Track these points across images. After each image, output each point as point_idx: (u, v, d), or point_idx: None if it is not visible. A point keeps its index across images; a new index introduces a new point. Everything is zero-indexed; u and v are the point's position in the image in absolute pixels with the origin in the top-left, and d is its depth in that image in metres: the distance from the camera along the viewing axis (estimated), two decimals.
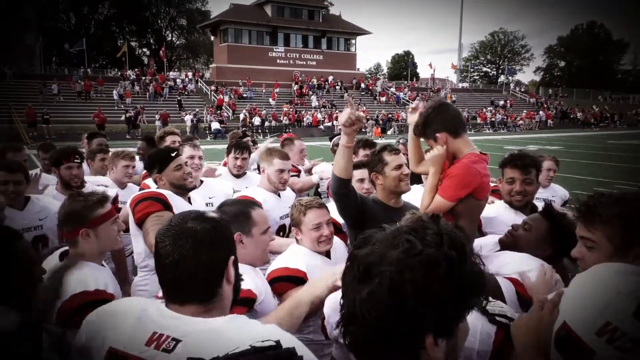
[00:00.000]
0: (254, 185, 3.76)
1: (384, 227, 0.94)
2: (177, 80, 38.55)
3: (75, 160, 3.63)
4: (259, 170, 3.83)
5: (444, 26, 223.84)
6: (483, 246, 2.37)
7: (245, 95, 37.96)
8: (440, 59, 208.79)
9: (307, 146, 5.25)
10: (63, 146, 3.86)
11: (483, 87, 58.92)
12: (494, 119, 40.46)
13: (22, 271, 1.58)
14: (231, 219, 1.92)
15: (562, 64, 78.54)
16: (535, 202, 2.95)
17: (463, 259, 0.89)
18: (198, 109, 31.83)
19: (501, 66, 73.98)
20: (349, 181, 2.52)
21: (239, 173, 4.26)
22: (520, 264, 1.97)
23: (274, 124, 32.50)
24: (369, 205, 2.66)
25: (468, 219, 2.31)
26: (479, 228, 2.74)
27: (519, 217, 2.57)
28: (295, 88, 41.00)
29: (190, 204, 3.05)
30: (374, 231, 0.94)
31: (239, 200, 2.48)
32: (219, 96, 35.73)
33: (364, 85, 44.91)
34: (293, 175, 4.24)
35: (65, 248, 2.23)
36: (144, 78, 36.74)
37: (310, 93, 40.68)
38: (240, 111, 33.17)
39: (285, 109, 35.02)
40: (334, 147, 4.12)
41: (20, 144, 5.20)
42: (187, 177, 3.00)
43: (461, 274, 0.87)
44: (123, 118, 28.54)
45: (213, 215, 1.40)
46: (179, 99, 34.42)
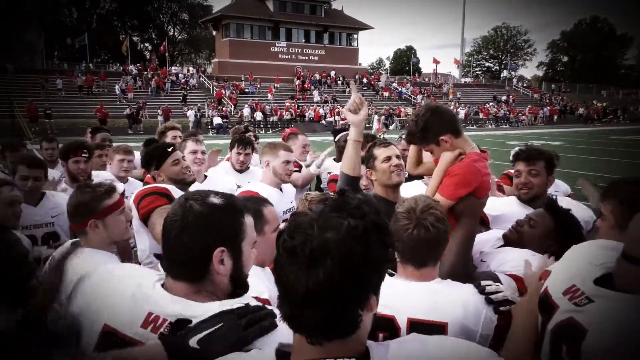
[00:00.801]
0: (257, 180, 3.75)
1: (305, 213, 1.00)
2: (180, 75, 38.52)
3: (83, 155, 3.64)
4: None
5: (447, 21, 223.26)
6: (486, 241, 2.38)
7: (247, 90, 37.94)
8: (442, 54, 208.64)
9: (309, 141, 5.23)
10: (71, 140, 3.86)
11: (486, 83, 58.61)
12: (497, 114, 40.37)
13: (9, 266, 1.56)
14: None
15: (565, 59, 78.17)
16: None
17: (382, 220, 0.99)
18: (200, 104, 31.79)
19: (504, 61, 73.58)
20: (358, 180, 2.50)
21: (242, 168, 4.28)
22: (521, 261, 1.97)
23: (275, 119, 32.48)
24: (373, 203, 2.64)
25: (469, 217, 2.31)
26: (486, 223, 2.73)
27: (527, 211, 2.54)
28: (297, 83, 40.95)
29: None
30: (298, 218, 0.99)
31: (250, 198, 2.45)
32: (219, 90, 35.68)
33: (366, 81, 44.83)
34: (295, 171, 4.22)
35: (77, 239, 2.23)
36: (145, 73, 36.73)
37: (312, 88, 40.62)
38: (242, 106, 33.15)
39: (288, 104, 35.00)
40: (342, 143, 4.07)
41: (20, 138, 5.18)
42: (186, 171, 2.95)
43: (385, 232, 0.99)
44: (125, 113, 28.53)
45: (219, 200, 1.35)
46: (184, 94, 34.39)
